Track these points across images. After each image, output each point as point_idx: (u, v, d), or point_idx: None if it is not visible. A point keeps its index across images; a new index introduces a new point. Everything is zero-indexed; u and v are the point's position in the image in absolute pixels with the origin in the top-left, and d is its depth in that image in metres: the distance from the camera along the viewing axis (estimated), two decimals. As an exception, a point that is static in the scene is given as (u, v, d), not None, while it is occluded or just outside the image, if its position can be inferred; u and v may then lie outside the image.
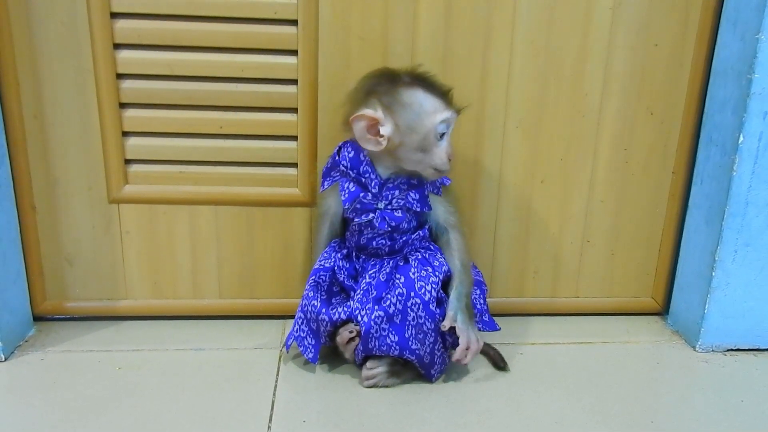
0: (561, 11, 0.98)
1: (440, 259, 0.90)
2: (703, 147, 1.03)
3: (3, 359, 0.94)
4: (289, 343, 0.93)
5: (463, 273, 0.90)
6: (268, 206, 1.03)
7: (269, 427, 0.81)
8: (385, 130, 0.84)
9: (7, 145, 0.95)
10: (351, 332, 0.88)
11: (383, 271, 0.89)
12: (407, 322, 0.86)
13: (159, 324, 1.06)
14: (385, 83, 0.85)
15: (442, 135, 0.85)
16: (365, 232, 0.91)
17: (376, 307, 0.86)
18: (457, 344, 0.88)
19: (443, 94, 0.86)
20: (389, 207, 0.89)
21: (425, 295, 0.86)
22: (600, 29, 0.99)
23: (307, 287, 0.91)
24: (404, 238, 0.92)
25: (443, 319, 0.87)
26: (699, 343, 1.03)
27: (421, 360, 0.88)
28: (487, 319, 0.97)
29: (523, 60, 1.00)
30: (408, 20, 0.96)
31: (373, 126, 0.84)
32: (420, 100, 0.84)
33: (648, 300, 1.14)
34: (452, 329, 0.87)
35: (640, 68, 1.01)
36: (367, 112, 0.84)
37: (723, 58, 0.98)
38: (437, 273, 0.88)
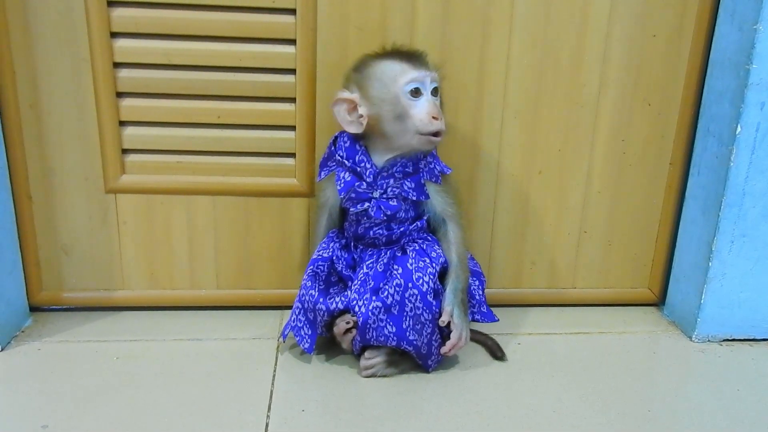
0: (559, 2, 0.97)
1: (438, 250, 0.90)
2: (700, 138, 1.03)
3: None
4: (285, 333, 0.93)
5: (459, 267, 0.90)
6: (265, 196, 1.03)
7: (268, 417, 0.81)
8: (362, 109, 0.85)
9: (3, 134, 0.95)
10: (348, 323, 0.88)
11: (381, 262, 0.89)
12: (405, 313, 0.86)
13: (156, 314, 1.05)
14: (358, 65, 0.88)
15: (417, 95, 0.84)
16: (362, 221, 0.91)
17: (373, 297, 0.86)
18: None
19: (409, 56, 0.85)
20: (384, 196, 0.89)
21: (423, 286, 0.86)
22: (598, 20, 0.99)
23: (305, 277, 0.91)
24: (402, 228, 0.92)
25: (440, 311, 0.87)
26: (695, 333, 1.04)
27: (419, 350, 0.88)
28: (485, 310, 0.98)
29: (520, 51, 0.99)
30: (406, 11, 0.96)
31: (354, 108, 0.86)
32: (384, 68, 0.85)
33: (644, 291, 1.15)
34: (448, 323, 0.87)
35: (637, 59, 1.01)
36: (343, 94, 0.86)
37: (721, 48, 0.98)
38: (434, 264, 0.88)
